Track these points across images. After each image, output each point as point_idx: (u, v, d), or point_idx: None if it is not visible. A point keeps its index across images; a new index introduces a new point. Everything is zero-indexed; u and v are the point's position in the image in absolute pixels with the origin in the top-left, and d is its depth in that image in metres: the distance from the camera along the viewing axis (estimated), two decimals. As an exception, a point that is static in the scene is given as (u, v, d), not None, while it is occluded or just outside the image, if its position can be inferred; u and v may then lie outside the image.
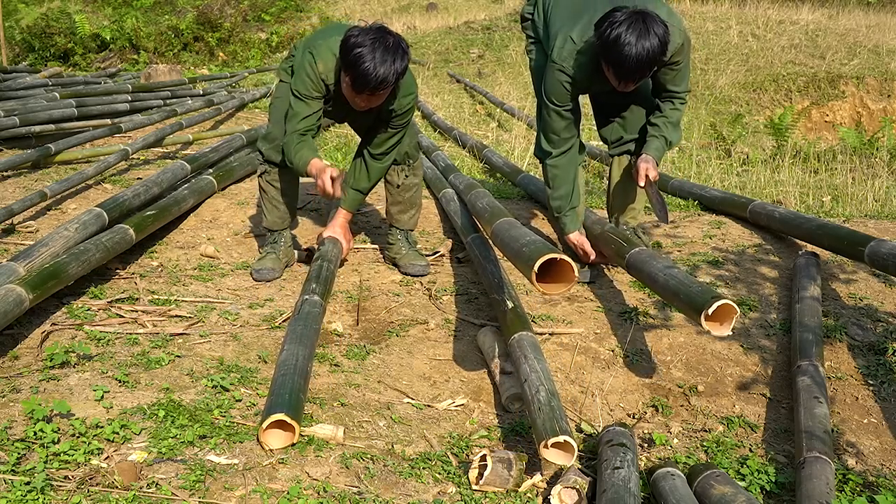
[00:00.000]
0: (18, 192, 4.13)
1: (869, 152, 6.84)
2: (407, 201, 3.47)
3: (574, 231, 3.29)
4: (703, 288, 2.30)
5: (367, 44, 2.75)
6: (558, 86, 3.05)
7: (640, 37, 2.68)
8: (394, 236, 3.51)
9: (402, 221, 3.50)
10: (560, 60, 3.01)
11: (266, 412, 2.00)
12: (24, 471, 1.78)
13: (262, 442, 1.99)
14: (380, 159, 3.25)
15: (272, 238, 3.40)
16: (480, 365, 2.67)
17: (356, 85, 2.83)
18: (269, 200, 3.34)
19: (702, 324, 2.17)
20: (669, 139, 3.17)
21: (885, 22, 13.58)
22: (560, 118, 3.14)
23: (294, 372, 2.19)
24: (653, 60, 2.75)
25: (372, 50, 2.75)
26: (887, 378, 2.66)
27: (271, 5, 17.00)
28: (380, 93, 2.87)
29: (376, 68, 2.75)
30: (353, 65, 2.78)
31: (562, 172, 3.24)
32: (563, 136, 3.18)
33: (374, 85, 2.79)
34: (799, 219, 3.69)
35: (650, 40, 2.69)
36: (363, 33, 2.79)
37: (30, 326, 2.58)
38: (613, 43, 2.71)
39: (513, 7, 16.09)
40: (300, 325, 2.49)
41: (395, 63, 2.78)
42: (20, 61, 13.65)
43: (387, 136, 3.19)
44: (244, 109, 7.73)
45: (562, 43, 3.00)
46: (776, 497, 2.10)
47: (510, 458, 1.99)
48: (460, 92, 10.56)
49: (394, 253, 3.50)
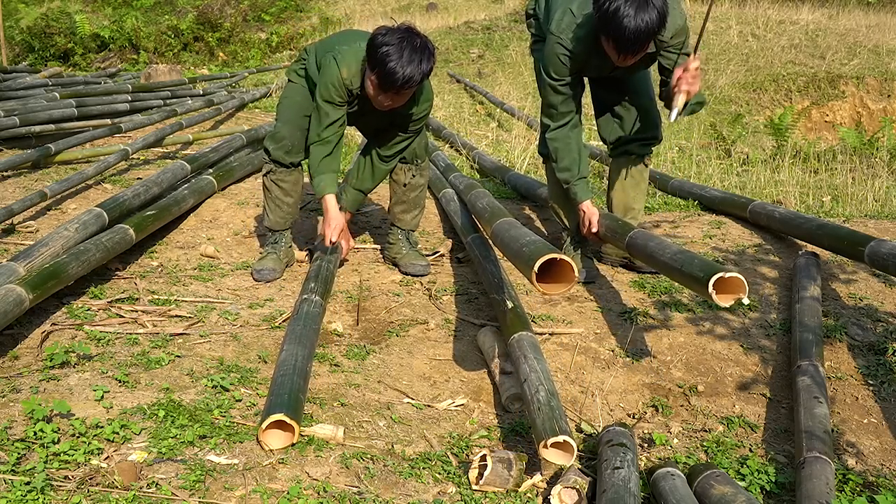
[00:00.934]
0: (18, 192, 4.13)
1: (869, 152, 6.84)
2: (411, 201, 3.45)
3: (586, 199, 3.20)
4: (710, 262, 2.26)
5: (394, 42, 2.76)
6: (556, 58, 3.03)
7: (638, 9, 2.67)
8: (395, 236, 3.50)
9: (405, 221, 3.49)
10: (558, 32, 2.99)
11: (266, 412, 2.01)
12: (24, 471, 1.78)
13: (262, 442, 1.99)
14: (387, 161, 3.26)
15: (273, 238, 3.39)
16: (480, 365, 2.67)
17: (383, 84, 2.82)
18: (272, 200, 3.33)
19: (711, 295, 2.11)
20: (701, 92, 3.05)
21: (885, 22, 13.57)
22: (556, 93, 3.11)
23: (293, 372, 2.19)
24: (651, 32, 2.73)
25: (399, 49, 2.75)
26: (887, 378, 2.66)
27: (271, 5, 17.00)
28: (404, 91, 2.87)
29: (403, 67, 2.75)
30: (380, 63, 2.78)
31: (562, 144, 3.19)
32: (560, 109, 3.15)
33: (400, 83, 2.79)
34: (799, 219, 3.69)
35: (649, 13, 2.68)
36: (391, 32, 2.80)
37: (30, 326, 2.58)
38: (612, 15, 2.69)
39: (513, 7, 16.10)
40: (300, 326, 2.49)
41: (422, 64, 2.79)
42: (20, 61, 13.64)
43: (399, 139, 3.21)
44: (244, 109, 7.73)
45: (561, 15, 3.00)
46: (776, 497, 2.10)
47: (510, 458, 1.99)
48: (460, 92, 10.56)
49: (394, 253, 3.49)
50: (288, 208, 3.35)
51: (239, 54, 14.50)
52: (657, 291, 3.24)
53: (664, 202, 4.59)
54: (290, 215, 3.38)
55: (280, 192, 3.31)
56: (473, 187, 3.70)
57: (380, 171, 3.28)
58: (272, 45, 14.74)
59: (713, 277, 2.11)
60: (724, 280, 2.11)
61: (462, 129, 7.62)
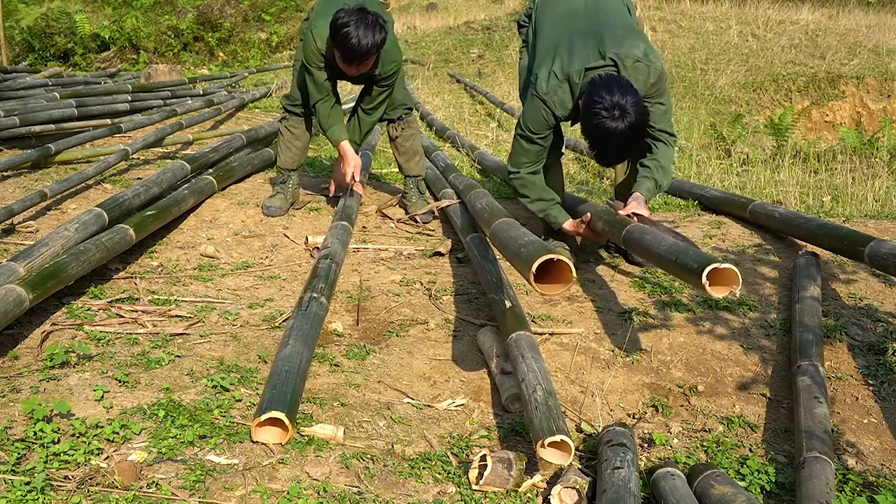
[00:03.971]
0: (18, 192, 4.13)
1: (869, 152, 6.83)
2: (409, 149, 4.18)
3: (565, 221, 3.34)
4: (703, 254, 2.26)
5: (351, 23, 3.38)
6: (538, 116, 3.15)
7: (616, 120, 2.81)
8: (407, 185, 4.26)
9: (410, 168, 4.22)
10: (542, 94, 3.11)
11: (266, 407, 2.00)
12: (24, 471, 1.78)
13: (252, 431, 1.99)
14: (370, 114, 3.94)
15: (282, 178, 4.13)
16: (480, 365, 2.67)
17: (346, 58, 3.48)
18: (284, 142, 4.11)
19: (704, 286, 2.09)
20: (660, 182, 3.20)
21: (885, 22, 13.58)
22: (532, 144, 3.24)
23: (297, 373, 2.19)
24: (631, 139, 2.87)
25: (356, 27, 3.37)
26: (887, 378, 2.66)
27: (271, 5, 17.00)
28: (366, 62, 3.54)
29: (360, 42, 3.38)
30: (342, 42, 3.41)
31: (528, 182, 3.33)
32: (531, 159, 3.28)
33: (361, 55, 3.44)
34: (799, 219, 3.68)
35: (625, 121, 2.81)
36: (347, 14, 3.40)
37: (30, 326, 2.58)
38: (596, 127, 2.86)
39: (513, 7, 16.10)
40: (307, 326, 2.48)
41: (376, 35, 3.42)
42: (20, 61, 13.65)
43: (376, 94, 3.87)
44: (244, 109, 7.73)
45: (545, 76, 3.10)
46: (776, 497, 2.10)
47: (510, 458, 1.99)
48: (460, 92, 10.56)
49: (407, 200, 4.25)
50: (297, 150, 4.11)
51: (239, 54, 14.51)
52: (657, 291, 3.24)
53: (664, 202, 4.59)
54: (298, 157, 4.12)
55: (291, 136, 4.10)
56: (473, 187, 3.70)
57: (365, 122, 3.96)
58: (272, 45, 14.76)
59: (707, 268, 2.09)
60: (719, 272, 2.09)
61: (462, 129, 7.62)
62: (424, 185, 4.35)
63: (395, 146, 4.21)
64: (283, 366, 2.21)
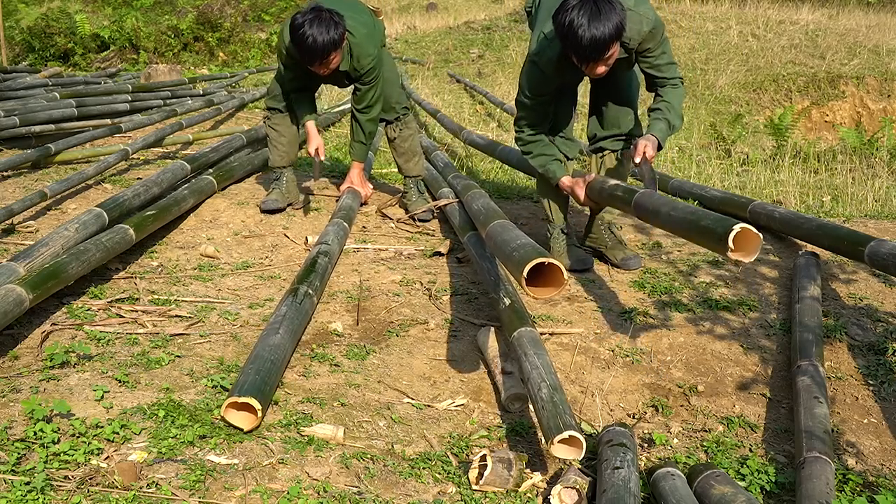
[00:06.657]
0: (18, 192, 4.13)
1: (869, 152, 6.84)
2: (408, 150, 4.20)
3: (562, 176, 3.31)
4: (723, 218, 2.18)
5: (306, 23, 3.37)
6: (532, 77, 3.20)
7: (592, 19, 2.76)
8: (406, 185, 4.29)
9: (409, 169, 4.24)
10: (533, 55, 3.16)
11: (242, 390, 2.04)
12: (24, 471, 1.78)
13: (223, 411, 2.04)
14: (365, 112, 3.91)
15: (275, 175, 4.16)
16: (480, 365, 2.67)
17: (305, 59, 3.51)
18: (271, 141, 4.13)
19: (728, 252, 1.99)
20: (672, 123, 3.17)
21: (885, 22, 13.58)
22: (529, 109, 3.28)
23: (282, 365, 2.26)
24: (607, 41, 2.80)
25: (310, 26, 3.37)
26: (887, 378, 2.66)
27: (271, 5, 16.99)
28: (328, 59, 3.50)
29: (315, 40, 3.37)
30: (299, 43, 3.42)
31: (532, 140, 3.35)
32: (531, 121, 3.31)
33: (318, 54, 3.44)
34: (799, 219, 3.68)
35: (603, 23, 2.76)
36: (302, 15, 3.41)
37: (30, 326, 2.58)
38: (568, 28, 2.80)
39: (513, 7, 16.10)
40: (298, 319, 2.53)
41: (331, 32, 3.40)
42: (20, 61, 13.65)
43: (362, 91, 3.86)
44: (244, 109, 7.73)
45: (536, 37, 3.17)
46: (776, 497, 2.10)
47: (510, 458, 1.99)
48: (460, 92, 10.57)
49: (406, 200, 4.27)
50: (283, 147, 4.10)
51: (239, 54, 14.49)
52: (657, 291, 3.24)
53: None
54: (286, 154, 4.11)
55: (276, 134, 4.09)
56: (471, 188, 3.70)
57: (363, 121, 3.93)
58: (272, 45, 14.74)
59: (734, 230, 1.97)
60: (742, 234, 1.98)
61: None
62: (424, 185, 4.38)
63: (393, 147, 4.24)
64: (270, 354, 2.25)
